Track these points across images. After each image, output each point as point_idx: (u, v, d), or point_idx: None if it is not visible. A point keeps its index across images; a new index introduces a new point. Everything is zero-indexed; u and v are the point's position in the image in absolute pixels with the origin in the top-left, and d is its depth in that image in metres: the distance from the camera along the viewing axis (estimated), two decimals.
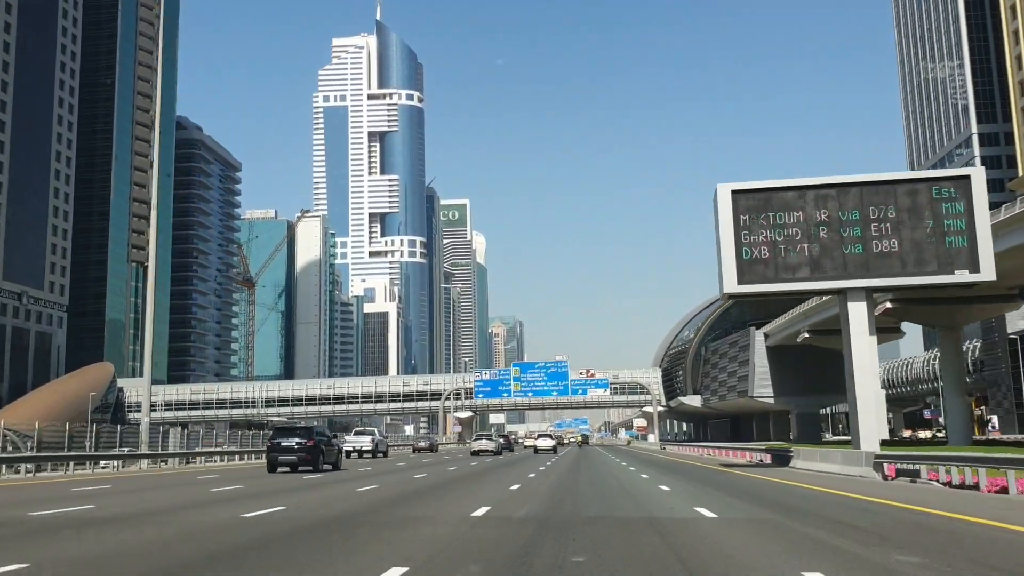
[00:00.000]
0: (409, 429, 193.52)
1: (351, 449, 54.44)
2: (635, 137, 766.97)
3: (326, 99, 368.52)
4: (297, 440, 32.02)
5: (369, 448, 56.03)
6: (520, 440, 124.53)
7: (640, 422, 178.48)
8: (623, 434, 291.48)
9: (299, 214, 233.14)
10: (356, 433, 60.17)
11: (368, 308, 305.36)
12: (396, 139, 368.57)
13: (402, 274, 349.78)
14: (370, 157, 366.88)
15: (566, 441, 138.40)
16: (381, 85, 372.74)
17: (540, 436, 76.00)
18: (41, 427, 38.21)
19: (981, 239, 32.99)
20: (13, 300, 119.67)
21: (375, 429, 70.73)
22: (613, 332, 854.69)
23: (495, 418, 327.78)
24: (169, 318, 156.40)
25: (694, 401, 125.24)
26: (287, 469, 32.04)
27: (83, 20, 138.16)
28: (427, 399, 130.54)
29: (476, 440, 64.29)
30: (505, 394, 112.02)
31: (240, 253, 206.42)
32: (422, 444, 74.45)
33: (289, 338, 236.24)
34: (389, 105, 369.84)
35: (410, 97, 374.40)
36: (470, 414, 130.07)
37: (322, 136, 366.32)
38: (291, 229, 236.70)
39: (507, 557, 9.51)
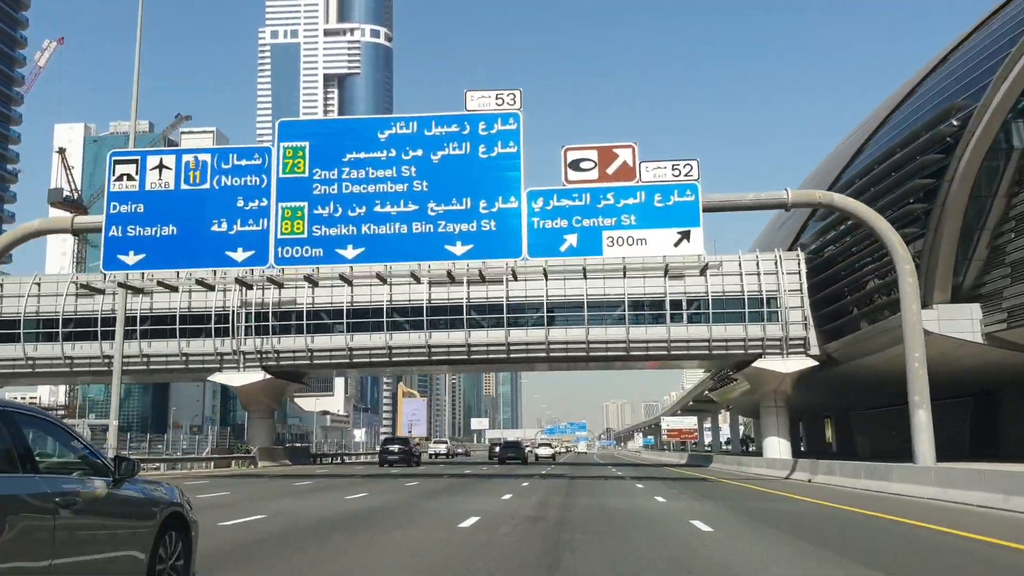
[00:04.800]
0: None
1: (434, 453, 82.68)
2: (657, 114, 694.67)
3: (274, 35, 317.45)
4: (399, 447, 53.65)
5: (444, 452, 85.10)
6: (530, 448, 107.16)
7: (677, 421, 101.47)
8: (639, 442, 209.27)
9: (174, 120, 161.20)
10: (436, 442, 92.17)
11: None
12: (358, 83, 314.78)
13: None
14: (326, 105, 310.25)
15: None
16: (341, 19, 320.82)
17: (540, 445, 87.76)
18: None
19: None
20: None
21: (447, 439, 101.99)
22: None
23: (478, 423, 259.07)
24: None
25: (958, 330, 34.40)
26: (388, 465, 51.52)
27: None
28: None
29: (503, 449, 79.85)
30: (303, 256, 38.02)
31: (62, 161, 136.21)
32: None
33: None
34: (350, 43, 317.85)
35: (375, 34, 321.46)
36: (262, 376, 50.41)
37: (268, 78, 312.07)
38: (166, 145, 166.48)
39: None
